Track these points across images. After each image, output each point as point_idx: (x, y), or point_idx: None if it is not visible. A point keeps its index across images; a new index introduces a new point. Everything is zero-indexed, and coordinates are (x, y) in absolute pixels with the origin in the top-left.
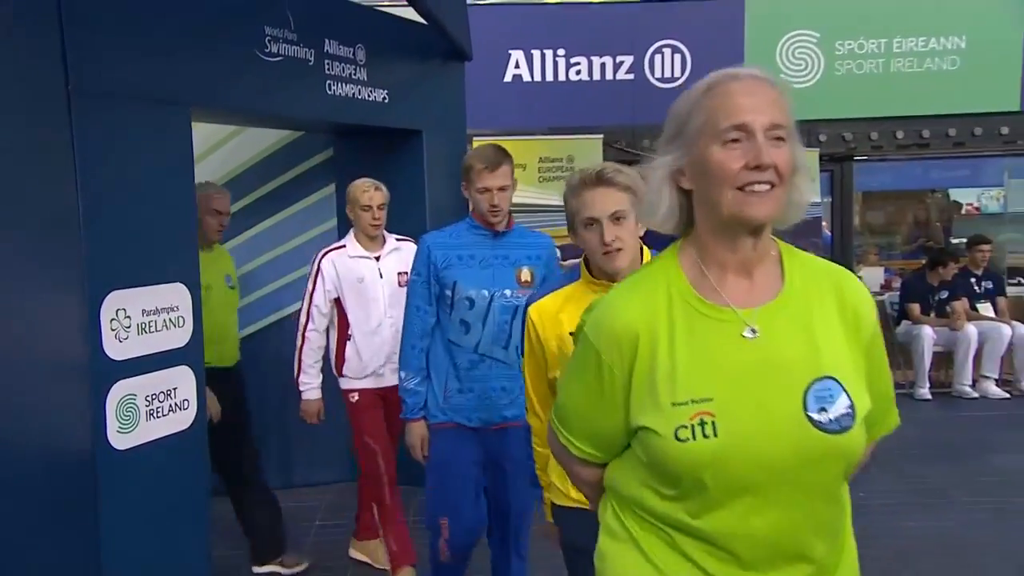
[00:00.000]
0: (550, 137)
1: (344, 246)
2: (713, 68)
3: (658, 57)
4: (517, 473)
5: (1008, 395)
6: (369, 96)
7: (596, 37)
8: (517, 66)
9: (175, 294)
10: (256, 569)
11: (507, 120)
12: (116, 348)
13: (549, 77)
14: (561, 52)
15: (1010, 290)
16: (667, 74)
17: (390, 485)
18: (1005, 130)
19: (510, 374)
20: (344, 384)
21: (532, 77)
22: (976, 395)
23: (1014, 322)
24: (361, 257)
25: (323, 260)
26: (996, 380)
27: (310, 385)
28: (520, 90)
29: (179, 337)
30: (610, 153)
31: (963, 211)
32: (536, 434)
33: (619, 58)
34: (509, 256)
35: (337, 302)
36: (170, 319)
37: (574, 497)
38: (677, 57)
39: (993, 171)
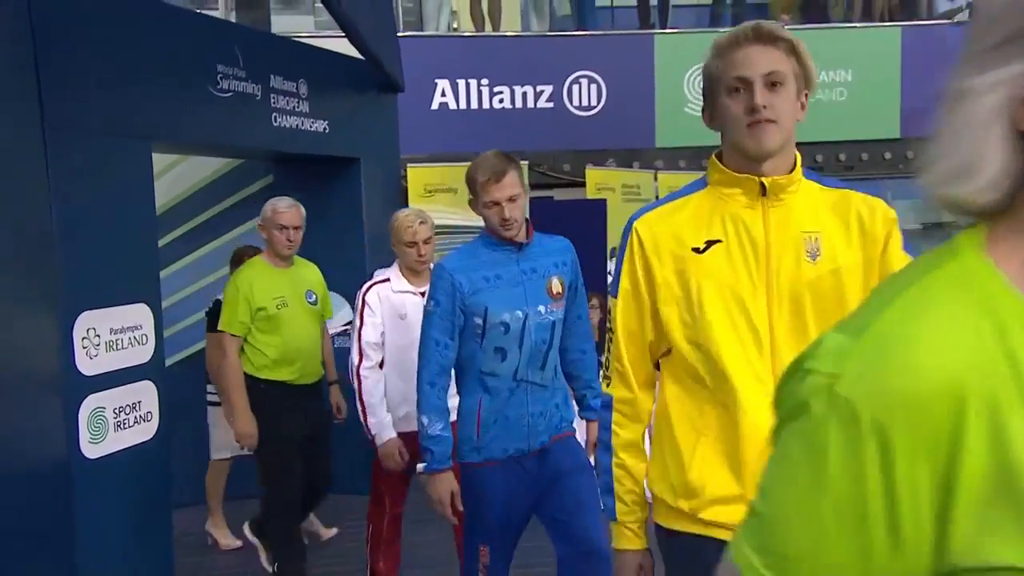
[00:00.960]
0: None
1: (388, 280)
2: (627, 98)
3: (576, 87)
4: (580, 486)
5: None
6: (311, 127)
7: (517, 67)
8: (443, 95)
9: (139, 314)
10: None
11: (435, 146)
12: (87, 364)
13: (474, 105)
14: (485, 81)
15: None
16: (584, 103)
17: (392, 521)
18: (888, 155)
19: (544, 396)
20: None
21: (458, 105)
22: None
23: None
24: (406, 292)
25: (368, 294)
26: None
27: (382, 424)
28: (447, 117)
29: (143, 354)
30: (532, 176)
31: None
32: (620, 407)
33: (539, 87)
34: (537, 268)
35: None
36: (135, 337)
37: (693, 514)
38: (593, 87)
39: (879, 192)
